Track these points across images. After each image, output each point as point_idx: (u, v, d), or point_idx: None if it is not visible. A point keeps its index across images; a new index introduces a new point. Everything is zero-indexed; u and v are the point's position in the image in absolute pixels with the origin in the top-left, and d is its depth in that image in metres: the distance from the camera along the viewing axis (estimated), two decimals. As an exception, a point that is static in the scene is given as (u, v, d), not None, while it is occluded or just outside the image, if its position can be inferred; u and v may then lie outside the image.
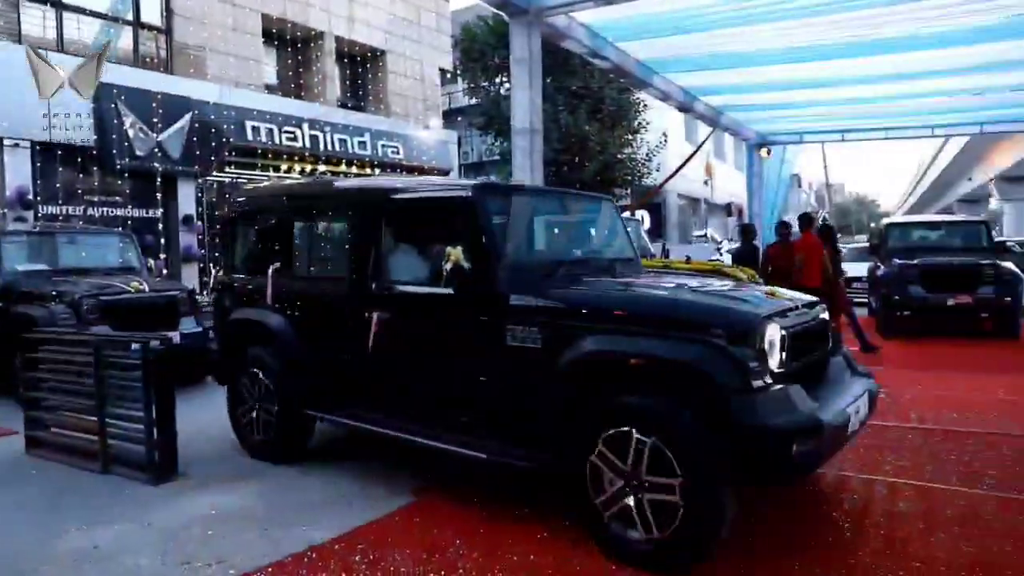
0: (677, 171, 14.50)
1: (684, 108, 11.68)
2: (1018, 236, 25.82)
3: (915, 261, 10.39)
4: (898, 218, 20.27)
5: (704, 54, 8.85)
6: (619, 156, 19.37)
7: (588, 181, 18.55)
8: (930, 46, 8.17)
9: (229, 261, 5.48)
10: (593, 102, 18.71)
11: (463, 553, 3.37)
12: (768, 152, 14.86)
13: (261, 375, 4.83)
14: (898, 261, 10.57)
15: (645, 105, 19.37)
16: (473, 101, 22.70)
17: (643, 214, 19.96)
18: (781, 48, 8.39)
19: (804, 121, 13.57)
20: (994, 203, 48.80)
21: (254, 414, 4.92)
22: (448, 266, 3.84)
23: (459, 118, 24.22)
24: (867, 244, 16.22)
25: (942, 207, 53.12)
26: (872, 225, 44.41)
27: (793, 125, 13.99)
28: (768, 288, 4.60)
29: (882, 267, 11.19)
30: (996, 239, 13.19)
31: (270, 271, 4.85)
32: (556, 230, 4.91)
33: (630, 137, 19.79)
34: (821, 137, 15.51)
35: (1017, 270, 10.20)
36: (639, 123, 19.89)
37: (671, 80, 10.43)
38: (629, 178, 20.08)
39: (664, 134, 20.20)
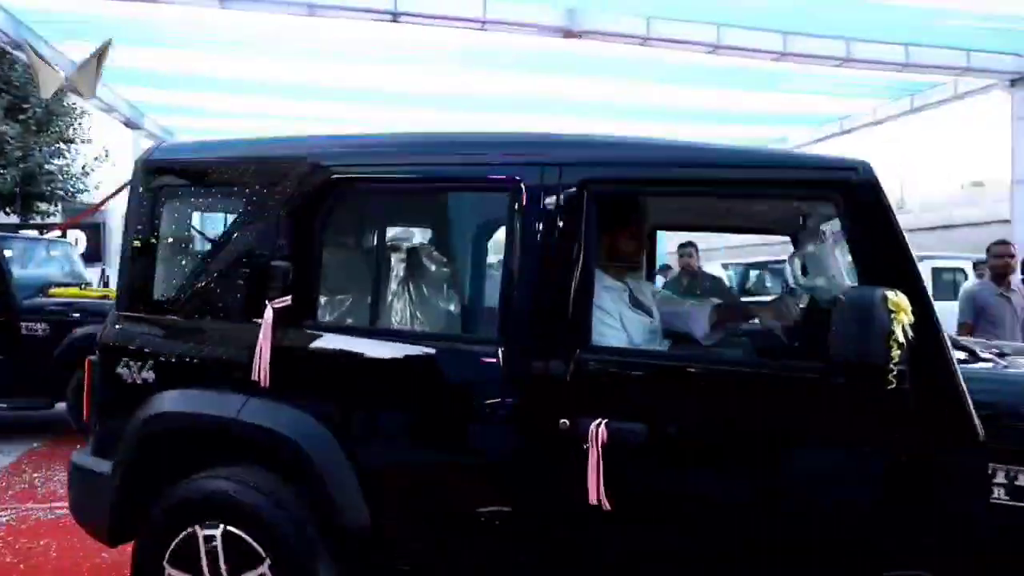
0: (119, 191, 13.32)
1: (132, 124, 10.87)
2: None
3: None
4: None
5: (155, 69, 8.43)
6: (48, 167, 16.84)
7: (6, 193, 15.79)
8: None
9: (138, 289, 2.72)
10: (14, 99, 15.91)
11: None
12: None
13: (240, 534, 2.28)
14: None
15: (84, 112, 17.28)
16: None
17: (77, 236, 17.59)
18: (232, 77, 8.54)
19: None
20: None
21: None
22: (900, 333, 1.80)
23: None
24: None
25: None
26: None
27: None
28: None
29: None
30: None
31: (268, 315, 2.39)
32: None
33: (62, 147, 17.38)
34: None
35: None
36: (74, 132, 17.64)
37: (116, 91, 9.62)
38: (60, 193, 17.59)
39: (105, 149, 18.25)
